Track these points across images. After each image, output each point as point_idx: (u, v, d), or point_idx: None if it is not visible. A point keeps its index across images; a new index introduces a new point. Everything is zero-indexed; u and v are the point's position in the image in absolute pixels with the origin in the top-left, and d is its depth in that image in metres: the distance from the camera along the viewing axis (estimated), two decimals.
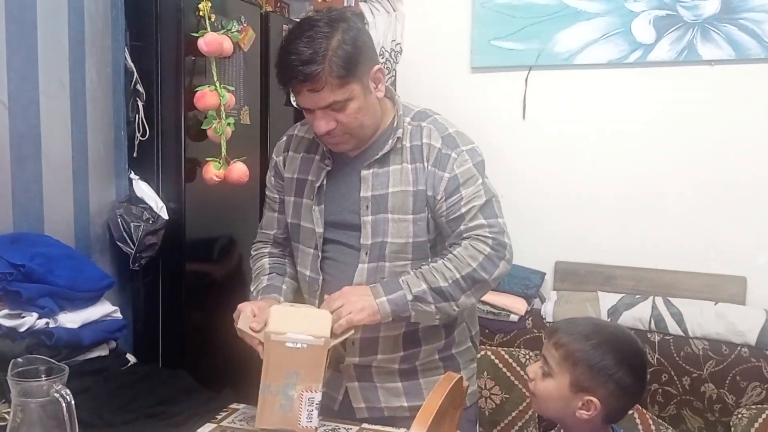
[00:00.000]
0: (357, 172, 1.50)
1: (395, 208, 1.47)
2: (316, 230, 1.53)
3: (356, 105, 1.40)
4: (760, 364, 2.30)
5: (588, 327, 1.31)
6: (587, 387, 1.25)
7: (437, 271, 1.41)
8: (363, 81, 1.41)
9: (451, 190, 1.46)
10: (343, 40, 1.36)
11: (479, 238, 1.44)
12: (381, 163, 1.49)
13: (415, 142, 1.49)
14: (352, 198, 1.50)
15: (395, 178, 1.48)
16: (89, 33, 1.84)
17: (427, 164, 1.47)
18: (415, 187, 1.47)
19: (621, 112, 2.65)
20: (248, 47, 2.23)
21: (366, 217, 1.48)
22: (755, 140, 2.49)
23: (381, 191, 1.48)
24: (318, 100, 1.37)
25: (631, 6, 2.56)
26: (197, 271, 2.09)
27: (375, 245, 1.48)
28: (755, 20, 2.42)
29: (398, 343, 1.54)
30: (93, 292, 1.64)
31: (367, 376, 1.57)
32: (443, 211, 1.47)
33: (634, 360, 1.27)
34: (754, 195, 2.52)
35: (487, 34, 2.75)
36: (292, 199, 1.59)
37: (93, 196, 1.90)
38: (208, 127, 2.02)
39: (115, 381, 1.63)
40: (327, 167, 1.53)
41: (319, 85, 1.35)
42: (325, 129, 1.41)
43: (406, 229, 1.47)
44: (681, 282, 2.61)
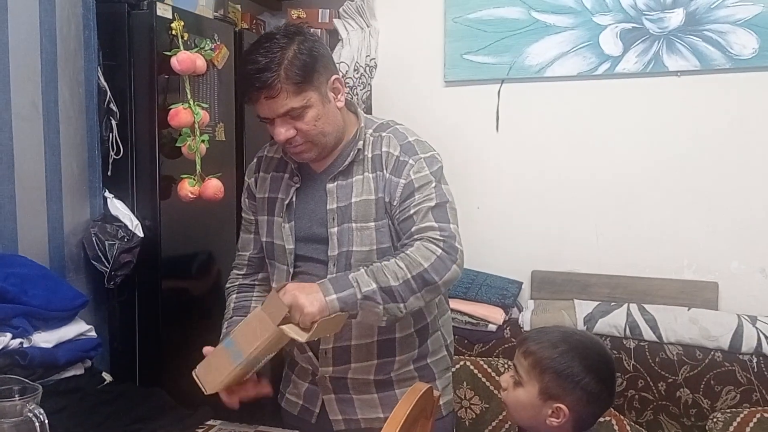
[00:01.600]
0: (323, 187, 1.53)
1: (358, 216, 1.49)
2: (287, 247, 1.54)
3: (314, 113, 1.43)
4: (734, 368, 2.33)
5: (556, 335, 1.33)
6: (555, 394, 1.27)
7: (389, 269, 1.38)
8: (320, 90, 1.44)
9: (406, 195, 1.47)
10: (299, 50, 1.41)
11: (430, 239, 1.43)
12: (345, 175, 1.52)
13: (376, 152, 1.52)
14: (319, 212, 1.53)
15: (358, 188, 1.50)
16: (61, 53, 1.86)
17: (385, 172, 1.50)
18: (376, 195, 1.50)
19: (592, 123, 2.70)
20: (222, 65, 2.25)
21: (332, 228, 1.50)
22: (723, 148, 2.54)
23: (345, 202, 1.50)
24: (275, 107, 1.40)
25: (598, 19, 2.61)
26: (173, 289, 2.10)
27: (341, 255, 1.50)
28: (719, 31, 2.48)
29: (372, 352, 1.55)
30: (67, 311, 1.64)
31: (342, 388, 1.58)
32: (396, 215, 1.49)
33: (601, 367, 1.29)
34: (724, 202, 2.56)
35: (460, 48, 2.80)
36: (265, 218, 1.61)
37: (67, 215, 1.90)
38: (183, 145, 2.03)
39: (90, 400, 1.64)
40: (296, 184, 1.56)
41: (275, 91, 1.38)
42: (285, 137, 1.43)
43: (369, 237, 1.49)
44: (656, 289, 2.65)
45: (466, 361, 2.53)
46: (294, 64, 1.39)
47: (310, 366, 1.60)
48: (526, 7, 2.69)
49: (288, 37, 1.42)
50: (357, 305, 1.37)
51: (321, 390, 1.61)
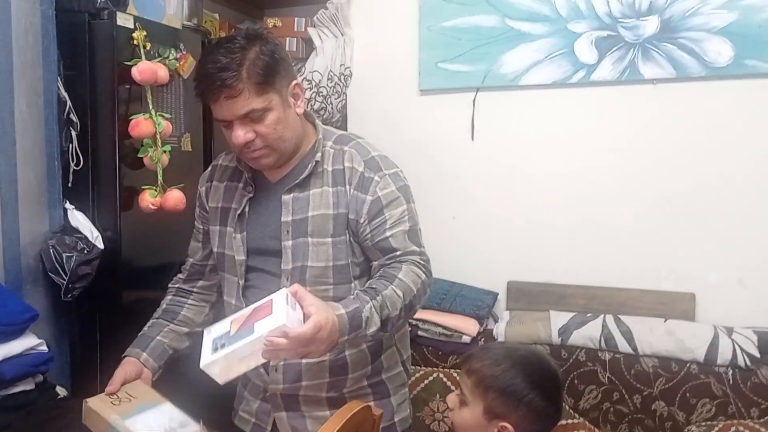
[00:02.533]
0: (278, 198, 1.50)
1: (315, 231, 1.46)
2: (237, 258, 1.52)
3: (275, 116, 1.40)
4: (709, 381, 2.29)
5: (500, 352, 1.31)
6: (500, 413, 1.24)
7: (391, 301, 1.37)
8: (281, 93, 1.42)
9: (375, 213, 1.45)
10: (261, 51, 1.39)
11: (415, 263, 1.44)
12: (302, 188, 1.48)
13: (337, 166, 1.49)
14: (273, 224, 1.50)
15: (315, 201, 1.47)
16: (18, 64, 1.84)
17: (349, 188, 1.47)
18: (336, 210, 1.47)
19: (567, 131, 2.67)
20: (188, 74, 2.23)
21: (287, 242, 1.47)
22: (699, 157, 2.50)
23: (301, 215, 1.47)
24: (236, 108, 1.37)
25: (573, 27, 2.59)
26: (134, 300, 2.07)
27: (296, 270, 1.47)
28: (694, 39, 2.45)
29: (324, 369, 1.52)
30: (15, 325, 1.62)
31: (294, 405, 1.55)
32: (367, 234, 1.46)
33: (545, 383, 1.27)
34: (702, 212, 2.53)
35: (434, 56, 2.77)
36: (217, 228, 1.58)
37: (24, 227, 1.88)
38: (144, 155, 2.01)
39: (39, 416, 1.61)
40: (249, 194, 1.53)
41: (237, 90, 1.35)
42: (243, 140, 1.39)
43: (325, 252, 1.46)
44: (633, 300, 2.61)
45: (440, 373, 2.50)
46: (256, 65, 1.37)
47: (261, 382, 1.57)
48: (500, 15, 2.67)
49: (249, 39, 1.40)
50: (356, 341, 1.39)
51: (272, 407, 1.57)
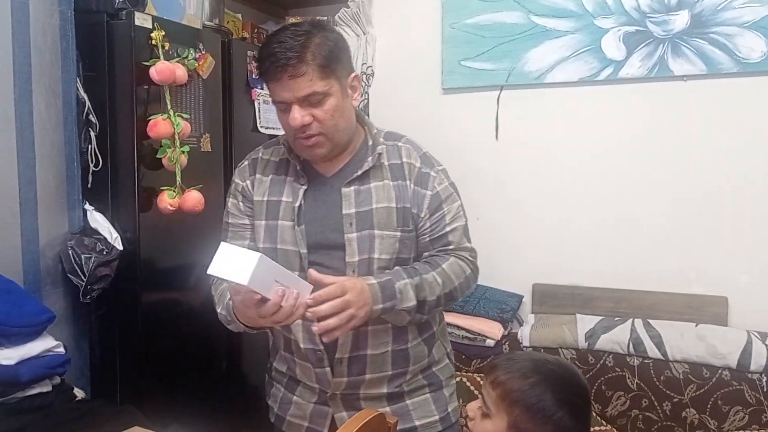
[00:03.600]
0: (336, 191, 1.47)
1: (381, 224, 1.45)
2: (301, 251, 1.47)
3: (334, 102, 1.39)
4: (742, 388, 2.22)
5: (527, 364, 1.23)
6: (526, 429, 1.17)
7: (428, 283, 1.42)
8: (341, 81, 1.41)
9: (435, 207, 1.48)
10: (326, 37, 1.38)
11: (463, 258, 1.51)
12: (361, 181, 1.47)
13: (394, 161, 1.50)
14: (333, 217, 1.47)
15: (378, 194, 1.46)
16: (36, 65, 1.84)
17: (409, 182, 1.48)
18: (398, 203, 1.47)
19: (594, 130, 2.60)
20: (207, 74, 2.22)
21: (351, 234, 1.45)
22: (732, 156, 2.42)
23: (365, 207, 1.46)
24: (297, 88, 1.36)
25: (600, 23, 2.52)
26: (153, 302, 2.06)
27: (362, 262, 1.45)
28: (726, 34, 2.37)
29: (386, 361, 1.50)
30: (32, 327, 1.61)
31: (355, 403, 1.52)
32: (427, 228, 1.49)
33: (574, 399, 1.19)
34: (734, 212, 2.44)
35: (457, 54, 2.72)
36: (263, 222, 1.53)
37: (43, 228, 1.88)
38: (163, 156, 2.00)
39: (55, 417, 1.60)
40: (303, 185, 1.49)
41: (301, 71, 1.34)
42: (301, 122, 1.37)
43: (392, 246, 1.46)
44: (661, 303, 2.53)
45: (463, 377, 2.45)
46: (321, 49, 1.37)
47: (317, 384, 1.53)
48: (525, 11, 2.61)
49: (314, 26, 1.41)
50: (391, 314, 1.41)
51: (332, 408, 1.54)
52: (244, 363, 2.50)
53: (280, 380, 1.64)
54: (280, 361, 1.63)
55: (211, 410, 2.23)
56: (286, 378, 1.62)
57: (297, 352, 1.52)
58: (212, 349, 2.33)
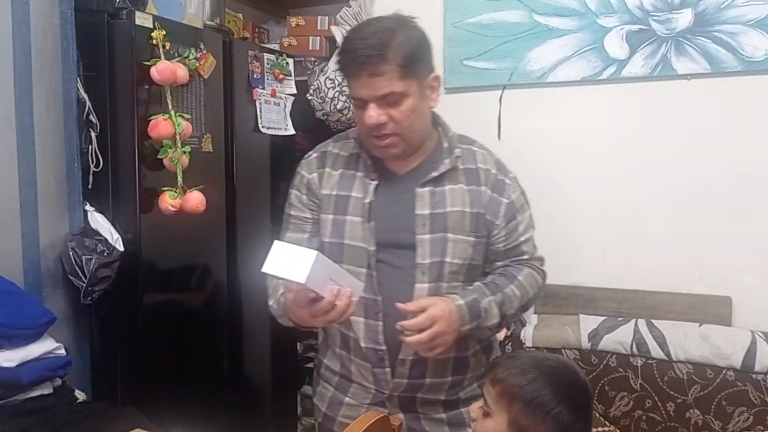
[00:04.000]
0: (409, 190, 1.46)
1: (455, 227, 1.44)
2: (369, 249, 1.45)
3: (411, 103, 1.38)
4: (747, 388, 2.20)
5: (526, 361, 1.23)
6: (525, 426, 1.17)
7: (510, 299, 1.44)
8: (421, 82, 1.40)
9: (510, 216, 1.49)
10: (409, 36, 1.38)
11: (536, 268, 1.52)
12: (436, 183, 1.46)
13: (469, 165, 1.49)
14: (405, 216, 1.46)
15: (453, 197, 1.46)
16: (37, 65, 1.83)
17: (485, 188, 1.48)
18: (472, 209, 1.46)
19: (597, 130, 2.59)
20: (209, 74, 2.21)
21: (423, 235, 1.44)
22: (735, 154, 2.40)
23: (440, 210, 1.45)
24: (376, 87, 1.35)
25: (602, 21, 2.50)
26: (155, 304, 2.05)
27: (434, 265, 1.44)
28: (730, 32, 2.35)
29: (447, 368, 1.50)
30: (33, 329, 1.61)
31: (411, 406, 1.52)
32: (501, 237, 1.49)
33: (574, 395, 1.19)
34: (738, 212, 2.43)
35: (460, 54, 2.71)
36: (331, 217, 1.51)
37: (44, 229, 1.87)
38: (164, 156, 1.99)
39: (56, 420, 1.60)
40: (374, 181, 1.48)
41: (381, 69, 1.33)
42: (376, 120, 1.37)
43: (465, 251, 1.45)
44: (664, 303, 2.52)
45: None
46: (403, 48, 1.35)
47: (374, 384, 1.52)
48: (527, 10, 2.60)
49: (398, 22, 1.40)
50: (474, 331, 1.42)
51: (388, 409, 1.52)
52: (246, 365, 2.50)
53: (329, 379, 1.61)
54: (332, 358, 1.60)
55: (213, 412, 2.23)
56: (337, 377, 1.60)
57: (355, 350, 1.50)
58: (214, 350, 2.32)
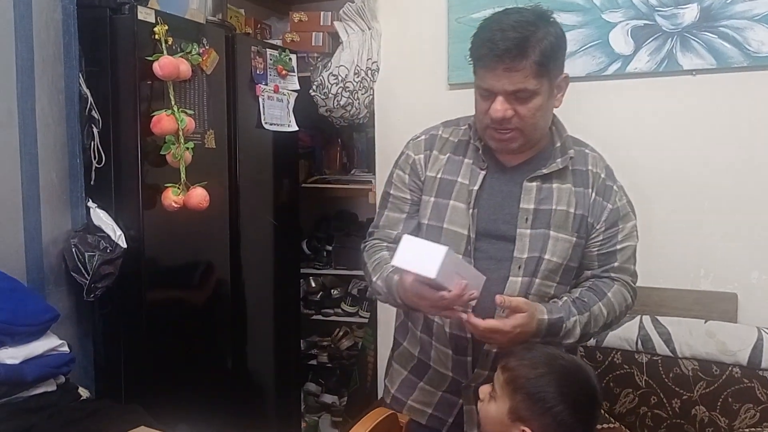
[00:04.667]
0: (517, 183, 1.46)
1: (557, 225, 1.44)
2: (471, 235, 1.44)
3: (539, 102, 1.37)
4: (753, 385, 2.19)
5: (540, 355, 1.25)
6: (523, 416, 1.19)
7: (595, 317, 1.42)
8: (552, 81, 1.40)
9: (611, 222, 1.47)
10: (548, 32, 1.35)
11: (627, 284, 1.50)
12: (544, 179, 1.45)
13: (579, 167, 1.49)
14: (509, 208, 1.45)
15: (560, 196, 1.45)
16: (39, 60, 1.81)
17: (591, 191, 1.47)
18: (576, 210, 1.45)
19: (601, 126, 2.56)
20: (211, 70, 2.19)
21: (524, 229, 1.43)
22: (741, 150, 2.39)
23: (545, 206, 1.44)
24: (509, 82, 1.33)
25: (607, 17, 2.49)
26: (158, 300, 2.04)
27: (531, 260, 1.43)
28: (736, 27, 2.34)
29: None
30: (36, 326, 1.60)
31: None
32: (598, 241, 1.47)
33: (579, 398, 1.20)
34: (744, 208, 2.41)
35: (464, 49, 2.61)
36: (432, 199, 1.51)
37: (46, 225, 1.86)
38: (167, 153, 1.98)
39: (61, 417, 1.59)
40: (483, 170, 1.47)
41: (519, 66, 1.31)
42: (502, 114, 1.35)
43: (566, 250, 1.44)
44: (670, 300, 2.51)
45: None
46: (542, 46, 1.33)
47: (452, 372, 1.51)
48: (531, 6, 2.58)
49: (539, 17, 1.36)
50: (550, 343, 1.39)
51: (464, 400, 1.51)
52: (250, 361, 2.49)
53: (403, 363, 1.61)
54: (411, 341, 1.59)
55: (217, 409, 2.22)
56: (414, 361, 1.59)
57: (438, 335, 1.50)
58: (217, 347, 2.31)
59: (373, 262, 1.52)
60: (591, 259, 1.49)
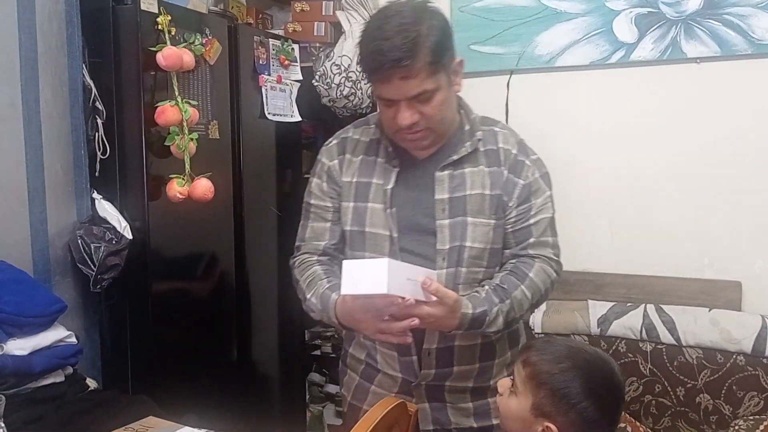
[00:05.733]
0: (429, 175, 1.44)
1: (474, 210, 1.42)
2: (393, 235, 1.43)
3: (442, 96, 1.35)
4: (757, 373, 2.19)
5: (562, 349, 1.21)
6: (548, 412, 1.15)
7: (519, 303, 1.41)
8: (448, 72, 1.37)
9: (524, 198, 1.45)
10: (432, 27, 1.31)
11: (547, 260, 1.46)
12: (456, 166, 1.43)
13: (490, 147, 1.46)
14: (425, 201, 1.44)
15: (473, 180, 1.43)
16: (42, 52, 1.81)
17: (503, 169, 1.44)
18: (492, 191, 1.43)
19: (606, 114, 2.57)
20: (214, 60, 2.19)
21: (443, 220, 1.42)
22: (746, 139, 2.39)
23: (459, 193, 1.42)
24: (408, 89, 1.31)
25: (611, 5, 2.48)
26: (164, 291, 2.04)
27: (453, 250, 1.42)
28: (740, 15, 2.33)
29: (474, 354, 1.48)
30: (44, 317, 1.60)
31: (438, 395, 1.50)
32: (512, 219, 1.45)
33: (604, 392, 1.16)
34: (748, 197, 2.41)
35: (467, 38, 2.68)
36: (352, 204, 1.49)
37: (52, 217, 1.86)
38: (171, 143, 1.97)
39: (69, 408, 1.60)
40: (396, 168, 1.46)
41: (413, 71, 1.29)
42: (410, 121, 1.34)
43: (486, 235, 1.42)
44: (674, 288, 2.51)
45: None
46: (430, 42, 1.30)
47: (401, 373, 1.50)
48: None
49: (419, 13, 1.32)
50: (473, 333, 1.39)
51: (416, 399, 1.50)
52: (255, 351, 2.50)
53: (355, 368, 1.60)
54: (357, 347, 1.59)
55: (222, 399, 2.23)
56: (362, 365, 1.58)
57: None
58: (223, 337, 2.32)
59: (305, 279, 1.50)
60: (508, 238, 1.47)
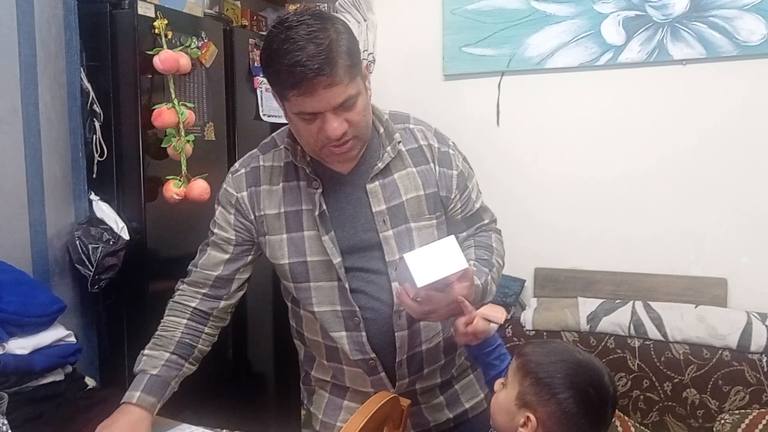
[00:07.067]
0: (359, 188, 1.38)
1: (415, 215, 1.39)
2: (335, 260, 1.36)
3: (363, 101, 1.28)
4: (742, 368, 2.25)
5: (557, 348, 1.23)
6: (529, 402, 1.18)
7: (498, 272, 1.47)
8: (362, 75, 1.30)
9: (462, 187, 1.45)
10: (339, 31, 1.24)
11: (495, 229, 1.54)
12: (384, 174, 1.38)
13: (411, 146, 1.42)
14: (363, 216, 1.38)
15: (405, 185, 1.39)
16: (41, 55, 1.84)
17: (433, 165, 1.42)
18: (426, 190, 1.41)
19: (594, 115, 2.62)
20: (210, 63, 2.22)
21: (386, 232, 1.37)
22: (731, 139, 2.44)
23: (396, 201, 1.38)
24: (332, 97, 1.22)
25: (599, 8, 2.53)
26: (160, 291, 2.06)
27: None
28: (725, 17, 2.38)
29: (439, 351, 1.48)
30: (44, 317, 1.63)
31: (412, 400, 1.46)
32: (458, 208, 1.46)
33: (588, 390, 1.16)
34: (733, 195, 2.47)
35: (458, 41, 2.73)
36: (284, 236, 1.40)
37: (50, 218, 1.89)
38: (168, 145, 2.01)
39: (69, 406, 1.62)
40: (317, 189, 1.37)
41: (336, 79, 1.20)
42: (341, 130, 1.25)
43: (431, 235, 1.40)
44: (662, 285, 2.56)
45: None
46: (342, 47, 1.22)
47: (373, 389, 1.45)
48: None
49: (323, 20, 1.24)
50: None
51: None
52: (250, 352, 2.53)
53: (323, 386, 1.55)
54: (320, 370, 1.54)
55: (218, 398, 2.25)
56: (329, 385, 1.54)
57: (346, 361, 1.45)
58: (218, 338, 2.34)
59: (163, 325, 1.48)
60: (458, 224, 1.46)
